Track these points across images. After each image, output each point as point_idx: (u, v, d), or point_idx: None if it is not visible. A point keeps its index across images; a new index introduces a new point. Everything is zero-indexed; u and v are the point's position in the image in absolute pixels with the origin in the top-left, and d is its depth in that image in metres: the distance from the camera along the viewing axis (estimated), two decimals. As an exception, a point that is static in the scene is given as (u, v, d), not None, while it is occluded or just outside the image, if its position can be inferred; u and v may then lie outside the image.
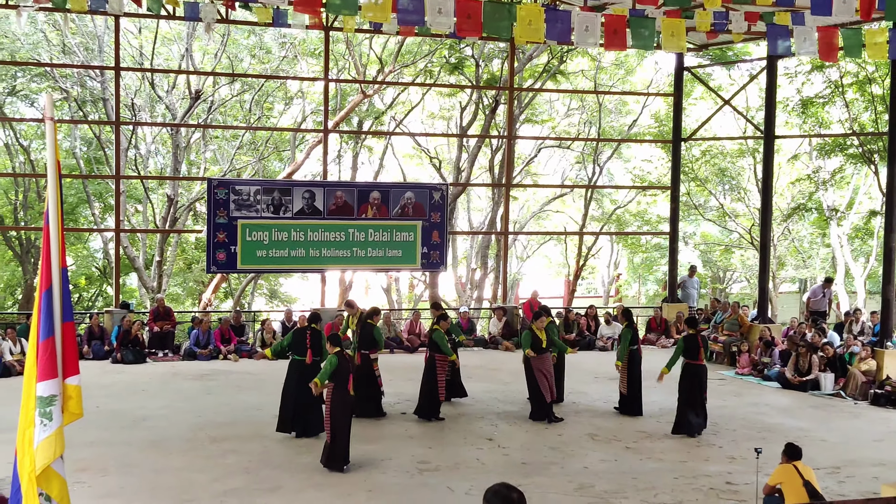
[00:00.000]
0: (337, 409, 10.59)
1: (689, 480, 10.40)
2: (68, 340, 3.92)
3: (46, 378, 3.78)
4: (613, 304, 35.16)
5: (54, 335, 3.81)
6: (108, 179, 28.55)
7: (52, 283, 3.82)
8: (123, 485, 9.81)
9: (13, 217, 31.34)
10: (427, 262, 20.71)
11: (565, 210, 39.67)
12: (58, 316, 3.84)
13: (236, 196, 19.23)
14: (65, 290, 3.90)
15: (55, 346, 3.82)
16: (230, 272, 24.08)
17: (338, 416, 10.58)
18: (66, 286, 3.94)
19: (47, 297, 3.81)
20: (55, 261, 3.83)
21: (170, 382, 16.45)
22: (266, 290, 37.88)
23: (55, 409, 3.85)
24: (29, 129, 30.52)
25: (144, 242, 30.63)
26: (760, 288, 21.26)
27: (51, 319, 3.80)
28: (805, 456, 8.96)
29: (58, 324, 3.84)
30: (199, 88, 27.78)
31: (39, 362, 3.78)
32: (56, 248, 3.84)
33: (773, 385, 16.98)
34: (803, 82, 27.34)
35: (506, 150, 25.09)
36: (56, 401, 3.84)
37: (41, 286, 3.84)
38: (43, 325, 3.79)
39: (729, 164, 31.22)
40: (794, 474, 8.58)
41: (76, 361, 4.00)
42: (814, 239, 33.84)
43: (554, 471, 10.72)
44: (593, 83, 31.14)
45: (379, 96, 31.24)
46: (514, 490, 4.17)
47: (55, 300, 3.84)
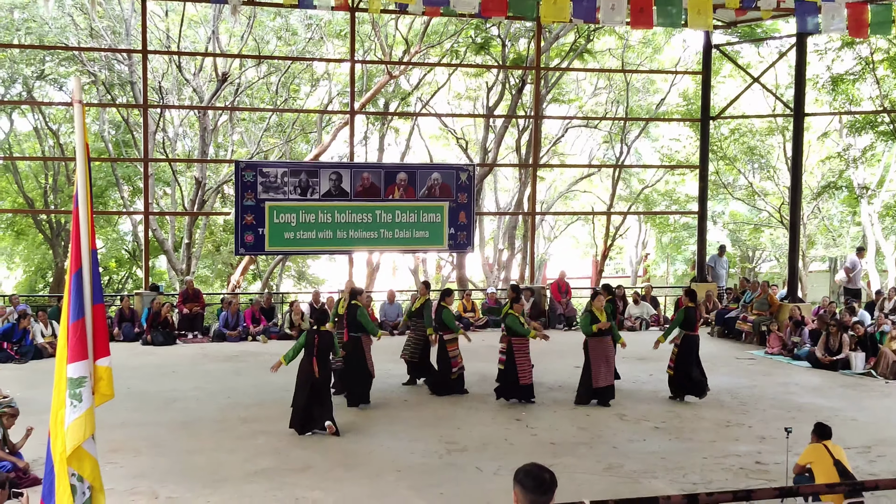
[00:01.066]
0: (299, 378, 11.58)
1: (718, 460, 10.35)
2: (98, 322, 3.95)
3: (77, 360, 3.81)
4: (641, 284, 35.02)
5: (84, 317, 3.83)
6: (136, 162, 28.72)
7: (81, 266, 3.84)
8: (155, 465, 9.89)
9: (43, 200, 31.65)
10: (454, 243, 20.69)
11: (593, 190, 39.56)
12: (88, 298, 3.86)
13: (263, 178, 19.28)
14: (94, 273, 3.91)
15: (85, 327, 3.84)
16: (258, 254, 24.16)
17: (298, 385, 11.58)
18: (96, 268, 3.95)
19: (77, 279, 3.83)
20: (85, 243, 3.85)
21: (199, 364, 16.59)
22: (294, 272, 38.06)
23: (85, 390, 3.87)
24: (58, 112, 30.74)
25: (173, 225, 30.81)
26: (790, 267, 21.11)
27: (81, 301, 3.82)
28: (835, 435, 8.88)
29: (88, 306, 3.86)
30: (225, 71, 27.84)
31: (70, 344, 3.81)
32: (85, 231, 3.85)
33: (802, 364, 16.86)
34: (833, 59, 27.01)
35: (532, 130, 24.98)
36: (86, 382, 3.87)
37: (71, 268, 3.86)
38: (73, 307, 3.81)
39: (758, 142, 30.96)
40: (825, 454, 8.51)
41: (106, 343, 4.02)
42: (844, 217, 33.54)
43: (582, 451, 10.71)
44: (621, 62, 30.93)
45: (405, 77, 31.19)
46: (546, 470, 4.16)
47: (85, 282, 3.86)
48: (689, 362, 13.62)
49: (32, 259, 34.77)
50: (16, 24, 27.34)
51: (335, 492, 9.05)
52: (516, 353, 13.27)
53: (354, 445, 10.88)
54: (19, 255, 35.45)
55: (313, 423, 11.44)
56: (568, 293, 22.15)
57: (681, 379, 13.67)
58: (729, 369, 16.40)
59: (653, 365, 16.13)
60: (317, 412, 11.41)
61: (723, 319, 20.52)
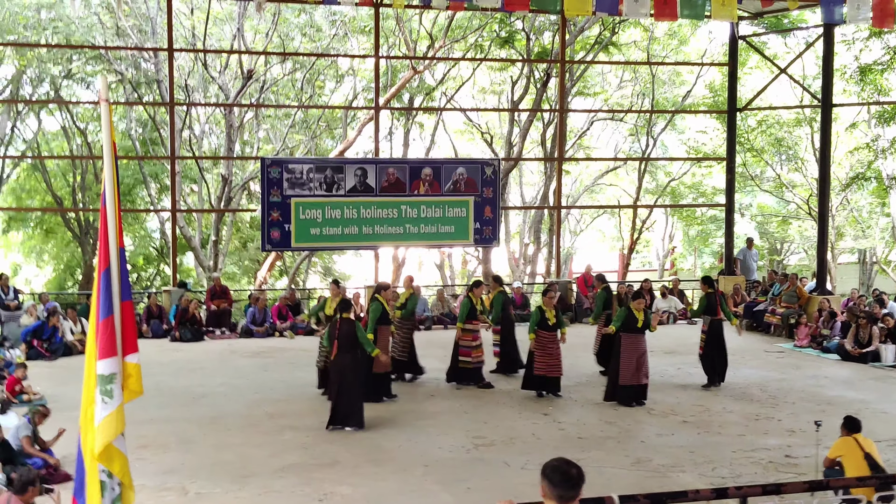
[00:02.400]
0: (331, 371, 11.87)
1: (747, 454, 10.30)
2: (127, 319, 3.97)
3: (106, 356, 3.84)
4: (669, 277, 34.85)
5: (113, 314, 3.86)
6: (163, 160, 28.90)
7: (110, 263, 3.86)
8: (184, 461, 9.96)
9: (72, 199, 31.91)
10: (480, 238, 20.68)
11: (619, 183, 39.37)
12: (116, 295, 3.89)
13: (289, 175, 19.34)
14: (123, 270, 3.94)
15: (114, 324, 3.87)
16: (284, 250, 24.28)
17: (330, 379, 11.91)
18: (124, 266, 3.98)
19: (106, 276, 3.85)
20: (112, 241, 3.88)
21: (227, 360, 16.68)
22: (320, 268, 38.16)
23: (115, 386, 3.90)
24: (85, 111, 30.96)
25: (200, 222, 30.98)
26: (819, 259, 20.92)
27: (110, 299, 3.85)
28: (865, 428, 8.81)
29: (116, 303, 3.89)
30: (251, 68, 27.93)
31: (99, 341, 3.84)
32: (113, 229, 3.88)
33: (832, 357, 16.74)
34: (861, 49, 26.74)
35: (558, 124, 24.90)
36: (116, 379, 3.90)
37: (100, 266, 3.89)
38: (102, 305, 3.84)
39: (785, 133, 30.69)
40: (855, 447, 8.45)
41: (135, 340, 4.05)
42: (873, 209, 33.17)
43: (610, 445, 10.69)
44: (646, 54, 30.75)
45: (429, 72, 31.15)
46: (573, 465, 4.14)
47: (114, 280, 3.88)
48: (714, 346, 14.08)
49: (62, 257, 35.05)
50: (42, 23, 27.53)
51: (363, 487, 9.07)
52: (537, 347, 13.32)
53: (381, 440, 10.90)
54: (48, 253, 35.73)
55: (338, 419, 11.47)
56: (594, 287, 22.04)
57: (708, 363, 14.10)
58: (758, 362, 16.31)
59: (680, 358, 16.09)
60: (343, 409, 11.47)
61: (751, 312, 20.37)
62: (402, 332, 14.46)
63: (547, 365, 13.19)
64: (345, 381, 11.44)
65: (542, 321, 13.17)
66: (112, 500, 3.99)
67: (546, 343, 13.20)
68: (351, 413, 11.47)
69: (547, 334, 13.21)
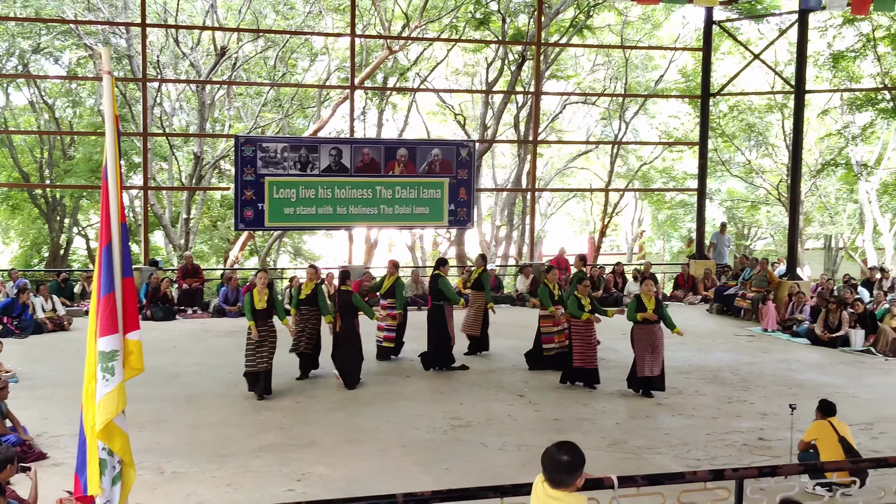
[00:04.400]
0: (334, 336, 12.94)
1: (721, 436, 10.38)
2: (128, 296, 3.92)
3: (107, 333, 3.79)
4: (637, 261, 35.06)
5: (115, 291, 3.81)
6: (134, 137, 28.58)
7: (112, 239, 3.81)
8: (160, 440, 9.89)
9: (39, 175, 31.49)
10: (454, 219, 20.69)
11: (590, 167, 39.50)
12: (118, 271, 3.84)
13: (263, 153, 19.23)
14: (124, 246, 3.89)
15: (115, 301, 3.82)
16: (258, 229, 24.11)
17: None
18: (126, 242, 3.93)
19: (107, 252, 3.79)
20: (115, 216, 3.81)
21: (200, 339, 16.59)
22: (290, 248, 38.00)
23: (117, 364, 3.86)
24: (53, 86, 30.55)
25: (170, 200, 30.71)
26: (790, 244, 21.07)
27: (111, 275, 3.79)
28: (837, 412, 8.92)
29: (118, 279, 3.83)
30: (224, 45, 27.67)
31: (101, 318, 3.78)
32: (115, 205, 3.82)
33: (802, 342, 16.91)
34: (834, 36, 26.95)
35: (533, 106, 24.90)
36: (118, 356, 3.86)
37: (101, 242, 3.83)
38: (104, 281, 3.78)
39: (756, 119, 30.90)
40: (830, 430, 8.55)
41: (136, 317, 4.00)
42: (840, 195, 33.53)
43: (586, 427, 10.74)
44: (620, 38, 30.80)
45: (404, 53, 31.03)
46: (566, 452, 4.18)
47: (115, 256, 3.83)
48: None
49: (28, 234, 34.63)
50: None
51: (341, 467, 9.06)
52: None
53: (358, 421, 10.89)
54: (14, 229, 35.32)
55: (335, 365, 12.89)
56: (567, 270, 22.11)
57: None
58: (729, 346, 16.45)
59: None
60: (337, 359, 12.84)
61: (722, 296, 20.54)
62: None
63: (585, 356, 12.84)
64: (343, 345, 12.72)
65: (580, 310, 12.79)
66: (112, 478, 3.95)
67: (584, 333, 12.86)
68: (348, 374, 12.68)
69: (584, 323, 12.84)
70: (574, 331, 12.92)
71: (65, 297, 18.94)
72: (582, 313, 12.68)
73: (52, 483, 8.14)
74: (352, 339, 12.85)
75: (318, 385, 12.89)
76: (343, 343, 12.79)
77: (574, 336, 12.93)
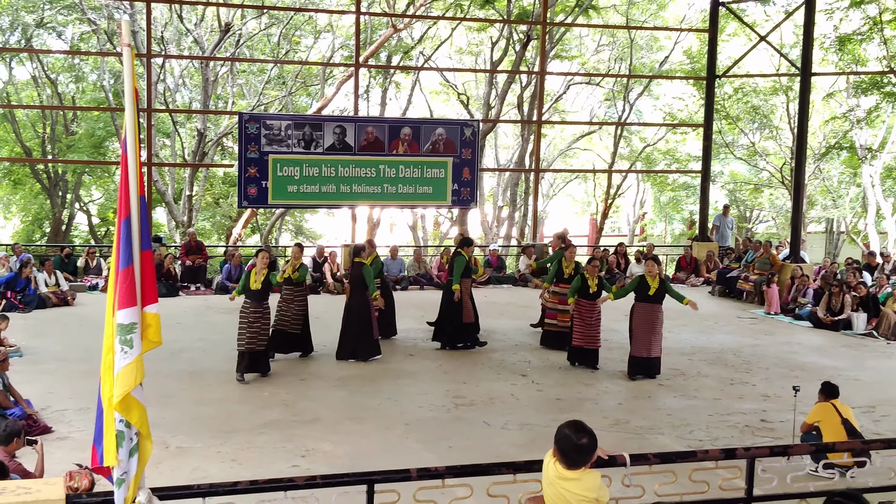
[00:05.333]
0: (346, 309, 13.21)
1: (723, 417, 10.42)
2: (147, 269, 3.93)
3: (126, 306, 3.80)
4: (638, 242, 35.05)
5: (133, 264, 3.82)
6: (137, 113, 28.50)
7: (130, 212, 3.81)
8: (164, 415, 9.92)
9: (41, 150, 31.46)
10: (457, 199, 20.67)
11: (593, 148, 39.44)
12: (136, 244, 3.84)
13: (267, 131, 19.20)
14: (143, 219, 3.88)
15: (134, 274, 3.83)
16: (261, 207, 24.12)
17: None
18: (145, 215, 3.92)
19: (126, 225, 3.80)
20: (133, 189, 3.81)
21: (204, 315, 16.63)
22: (292, 227, 38.01)
23: (135, 336, 3.88)
24: (56, 61, 30.47)
25: (173, 177, 30.69)
26: (793, 227, 21.05)
27: (130, 248, 3.79)
28: (839, 395, 8.95)
29: (136, 252, 3.84)
30: (228, 21, 27.57)
31: (119, 291, 3.79)
32: (134, 177, 3.82)
33: (804, 324, 16.94)
34: (841, 19, 26.83)
35: (537, 86, 24.82)
36: (136, 329, 3.87)
37: (120, 215, 3.83)
38: (122, 254, 3.78)
39: (761, 101, 30.82)
40: (833, 413, 8.58)
41: (154, 290, 4.00)
42: (843, 178, 33.49)
43: (588, 407, 10.78)
44: (625, 18, 30.69)
45: (408, 31, 30.92)
46: (585, 435, 4.23)
47: (134, 229, 3.83)
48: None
49: (30, 209, 34.65)
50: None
51: (344, 444, 9.10)
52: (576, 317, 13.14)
53: (362, 399, 10.93)
54: (16, 204, 35.34)
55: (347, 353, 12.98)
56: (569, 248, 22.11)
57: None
58: (731, 328, 16.47)
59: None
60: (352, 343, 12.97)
61: (724, 279, 20.54)
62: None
63: (585, 336, 12.84)
64: (355, 319, 12.95)
65: (584, 289, 12.84)
66: (129, 450, 3.98)
67: (585, 313, 12.84)
68: (360, 348, 12.93)
69: (587, 303, 12.84)
70: (575, 310, 12.94)
71: (68, 272, 18.95)
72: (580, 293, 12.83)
73: (57, 456, 8.19)
74: (364, 311, 12.95)
75: (322, 362, 12.93)
76: (356, 316, 12.98)
77: (575, 315, 12.96)
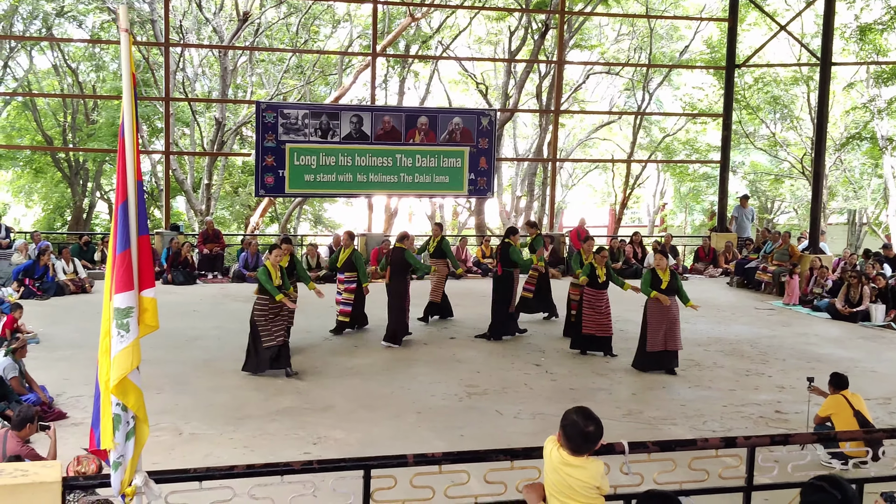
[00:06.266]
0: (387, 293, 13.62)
1: (737, 408, 10.37)
2: (144, 253, 3.93)
3: (122, 290, 3.81)
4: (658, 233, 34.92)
5: (130, 248, 3.83)
6: (156, 102, 28.62)
7: (127, 197, 3.82)
8: (178, 402, 9.98)
9: (62, 138, 31.62)
10: (474, 189, 20.65)
11: (612, 138, 39.29)
12: (133, 229, 3.85)
13: (284, 120, 19.22)
14: (140, 204, 3.89)
15: (131, 258, 3.84)
16: (278, 196, 24.15)
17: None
18: (142, 200, 3.93)
19: (123, 210, 3.81)
20: (130, 174, 3.82)
21: (220, 303, 16.69)
22: (310, 216, 38.08)
23: (132, 320, 3.89)
24: (77, 50, 30.59)
25: (192, 165, 30.80)
26: (813, 218, 20.89)
27: (127, 232, 3.80)
28: (856, 387, 8.89)
29: (133, 237, 3.84)
30: (246, 10, 27.60)
31: (116, 275, 3.80)
32: (131, 162, 3.82)
33: (822, 316, 16.82)
34: (862, 8, 26.57)
35: (555, 76, 24.74)
36: (133, 313, 3.88)
37: (117, 199, 3.84)
38: (119, 239, 3.80)
39: (781, 91, 30.59)
40: (845, 404, 8.52)
41: (152, 274, 4.02)
42: (865, 169, 33.20)
43: (602, 397, 10.75)
44: (645, 7, 30.51)
45: (426, 20, 30.85)
46: (592, 422, 4.24)
47: (131, 213, 3.84)
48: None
49: (51, 197, 34.87)
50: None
51: (357, 432, 9.12)
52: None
53: (375, 387, 10.95)
54: (38, 192, 35.56)
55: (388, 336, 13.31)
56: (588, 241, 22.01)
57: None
58: (748, 319, 16.38)
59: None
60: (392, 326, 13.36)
61: (743, 269, 20.42)
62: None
63: (596, 324, 12.85)
64: (395, 303, 13.40)
65: (593, 278, 12.88)
66: (126, 433, 3.99)
67: (595, 301, 12.85)
68: (397, 331, 13.32)
69: (596, 292, 12.86)
70: (584, 298, 12.95)
71: (86, 259, 19.07)
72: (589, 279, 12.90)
73: (71, 442, 8.25)
74: (401, 296, 13.46)
75: (335, 350, 12.95)
76: (393, 300, 13.44)
77: (584, 303, 12.95)
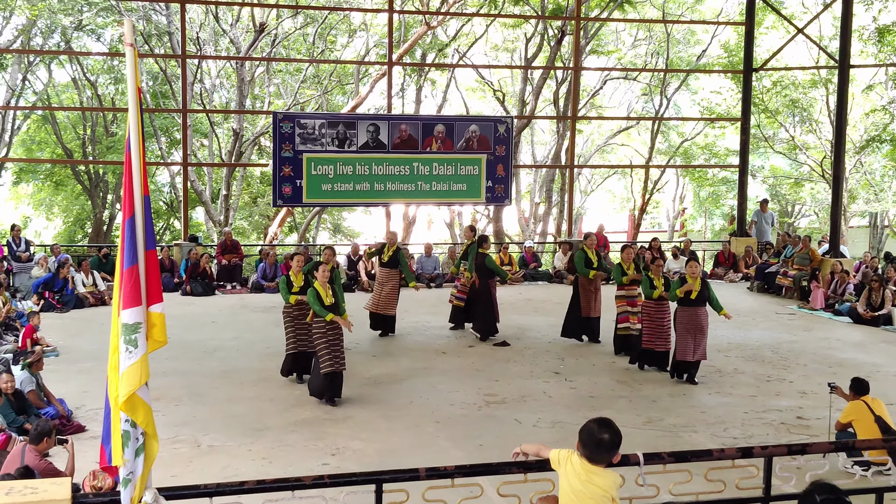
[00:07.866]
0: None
1: (759, 415, 10.28)
2: (151, 268, 3.91)
3: (130, 306, 3.80)
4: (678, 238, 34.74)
5: (137, 263, 3.81)
6: (174, 113, 28.75)
7: (134, 211, 3.81)
8: (196, 413, 9.99)
9: (82, 151, 31.82)
10: (492, 196, 20.63)
11: (630, 143, 39.18)
12: (141, 244, 3.84)
13: (301, 129, 19.26)
14: (147, 219, 3.88)
15: (139, 274, 3.82)
16: (296, 206, 24.19)
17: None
18: (149, 214, 3.91)
19: (130, 224, 3.80)
20: (137, 188, 3.81)
21: (238, 314, 16.71)
22: (329, 225, 38.14)
23: (140, 336, 3.87)
24: (96, 63, 30.78)
25: (210, 176, 30.92)
26: (832, 221, 20.72)
27: (134, 247, 3.79)
28: (878, 391, 8.81)
29: (141, 251, 3.83)
30: (263, 21, 27.70)
31: (124, 290, 3.79)
32: (138, 176, 3.81)
33: (844, 320, 16.67)
34: (880, 10, 26.41)
35: (572, 82, 24.69)
36: (141, 328, 3.87)
37: (124, 214, 3.84)
38: (126, 253, 3.78)
39: (800, 94, 30.42)
40: (866, 410, 8.43)
41: (159, 289, 4.00)
42: (886, 172, 32.96)
43: (622, 404, 10.68)
44: (661, 12, 30.43)
45: (442, 28, 30.88)
46: (608, 430, 4.20)
47: (138, 228, 3.83)
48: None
49: (71, 210, 35.08)
50: (54, -27, 27.33)
51: (375, 442, 9.09)
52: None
53: (393, 397, 10.92)
54: (58, 205, 35.78)
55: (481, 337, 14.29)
56: (606, 247, 21.96)
57: None
58: (769, 324, 16.26)
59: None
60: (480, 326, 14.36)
61: (763, 274, 20.28)
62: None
63: (655, 337, 12.38)
64: (481, 304, 14.27)
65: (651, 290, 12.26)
66: (135, 450, 3.98)
67: (654, 314, 12.37)
68: (486, 330, 14.28)
69: (654, 304, 12.32)
70: (645, 311, 12.57)
71: (106, 272, 19.13)
72: (653, 292, 12.17)
73: (90, 455, 8.25)
74: (486, 296, 14.25)
75: (353, 361, 12.90)
76: (479, 301, 14.30)
77: (644, 317, 12.61)
